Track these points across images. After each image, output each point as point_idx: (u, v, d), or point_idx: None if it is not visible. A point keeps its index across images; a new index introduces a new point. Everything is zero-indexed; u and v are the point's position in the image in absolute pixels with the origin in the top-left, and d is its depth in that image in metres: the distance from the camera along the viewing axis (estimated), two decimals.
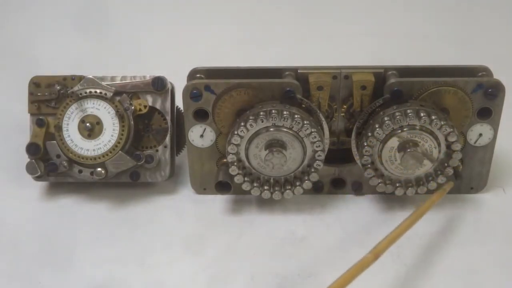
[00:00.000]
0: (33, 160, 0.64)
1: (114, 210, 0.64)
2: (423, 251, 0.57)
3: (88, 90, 0.63)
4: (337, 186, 0.65)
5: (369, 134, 0.59)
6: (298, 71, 0.61)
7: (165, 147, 0.64)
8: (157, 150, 0.64)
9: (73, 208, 0.64)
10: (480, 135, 0.61)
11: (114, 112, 0.62)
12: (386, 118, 0.58)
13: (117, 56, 0.91)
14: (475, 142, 0.62)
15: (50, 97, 0.64)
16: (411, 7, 0.99)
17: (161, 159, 0.64)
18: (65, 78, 0.64)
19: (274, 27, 0.97)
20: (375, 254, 0.48)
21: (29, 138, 0.64)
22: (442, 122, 0.57)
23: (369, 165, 0.60)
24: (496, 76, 0.61)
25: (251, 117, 0.58)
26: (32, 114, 0.65)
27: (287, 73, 0.61)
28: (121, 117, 0.62)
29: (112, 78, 0.63)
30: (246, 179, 0.60)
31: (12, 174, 0.69)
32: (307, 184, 0.60)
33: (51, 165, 0.63)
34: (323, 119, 0.60)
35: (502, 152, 0.68)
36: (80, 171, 0.64)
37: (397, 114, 0.58)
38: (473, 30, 0.96)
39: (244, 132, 0.58)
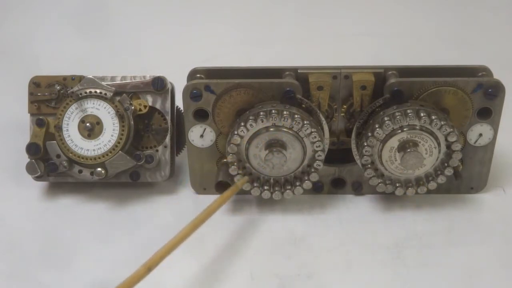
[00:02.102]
0: (33, 160, 0.64)
1: (114, 210, 0.64)
2: (423, 251, 0.57)
3: (88, 90, 0.63)
4: (337, 186, 0.65)
5: (369, 134, 0.59)
6: (298, 71, 0.61)
7: (165, 147, 0.64)
8: (157, 150, 0.64)
9: (73, 208, 0.64)
10: (480, 135, 0.61)
11: (114, 112, 0.62)
12: (386, 118, 0.58)
13: (117, 56, 0.91)
14: (475, 142, 0.62)
15: (50, 97, 0.64)
16: (411, 7, 0.99)
17: (161, 159, 0.64)
18: (65, 78, 0.64)
19: (274, 27, 0.97)
20: (148, 267, 0.48)
21: (29, 138, 0.64)
22: (442, 122, 0.57)
23: (369, 165, 0.60)
24: (496, 76, 0.61)
25: (251, 117, 0.58)
26: (32, 114, 0.65)
27: (287, 73, 0.61)
28: (121, 117, 0.62)
29: (112, 78, 0.63)
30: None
31: (12, 174, 0.69)
32: (307, 184, 0.60)
33: (51, 165, 0.63)
34: (323, 119, 0.60)
35: (502, 152, 0.68)
36: (80, 171, 0.64)
37: (397, 114, 0.58)
38: (473, 30, 0.96)
39: (244, 132, 0.58)
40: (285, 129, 0.58)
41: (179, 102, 0.63)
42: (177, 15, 0.98)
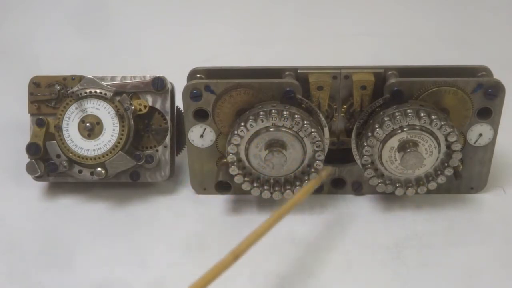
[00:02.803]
0: (33, 160, 0.64)
1: (114, 210, 0.64)
2: (423, 251, 0.57)
3: (88, 90, 0.63)
4: (337, 186, 0.65)
5: (369, 134, 0.59)
6: (298, 71, 0.61)
7: (165, 147, 0.64)
8: (157, 150, 0.64)
9: (73, 208, 0.64)
10: (480, 135, 0.61)
11: (114, 112, 0.62)
12: (386, 118, 0.58)
13: (117, 56, 0.91)
14: (475, 142, 0.62)
15: (50, 97, 0.64)
16: (411, 7, 0.99)
17: (161, 159, 0.64)
18: (65, 78, 0.64)
19: (274, 27, 0.97)
20: (235, 255, 0.47)
21: (29, 138, 0.64)
22: (442, 122, 0.57)
23: (369, 165, 0.60)
24: (496, 76, 0.61)
25: (251, 117, 0.58)
26: (32, 114, 0.65)
27: (287, 73, 0.61)
28: (121, 117, 0.62)
29: (112, 78, 0.63)
30: (246, 179, 0.60)
31: (12, 174, 0.69)
32: None
33: (51, 165, 0.63)
34: (323, 119, 0.60)
35: (502, 152, 0.68)
36: (80, 171, 0.64)
37: (397, 114, 0.58)
38: (473, 30, 0.96)
39: (244, 132, 0.58)
40: (285, 129, 0.58)
41: (179, 102, 0.63)
42: (177, 15, 0.98)
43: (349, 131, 0.63)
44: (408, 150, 0.58)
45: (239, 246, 0.47)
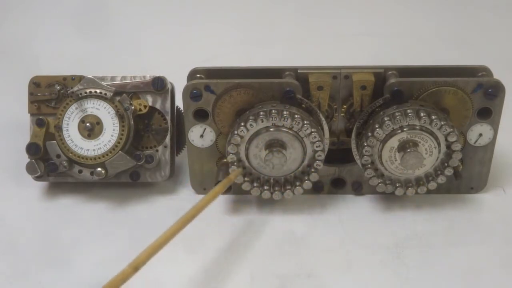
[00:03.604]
0: (33, 160, 0.64)
1: (114, 210, 0.64)
2: (423, 251, 0.57)
3: (88, 90, 0.63)
4: (337, 186, 0.65)
5: (369, 134, 0.59)
6: (298, 71, 0.61)
7: (165, 147, 0.64)
8: (157, 150, 0.64)
9: (73, 208, 0.64)
10: (480, 135, 0.61)
11: (114, 112, 0.62)
12: (386, 118, 0.58)
13: (117, 56, 0.91)
14: (475, 142, 0.62)
15: (50, 97, 0.64)
16: (411, 7, 0.99)
17: (161, 159, 0.64)
18: (65, 78, 0.64)
19: (274, 27, 0.97)
20: (135, 266, 0.47)
21: (29, 138, 0.64)
22: (442, 122, 0.57)
23: (369, 165, 0.60)
24: (496, 76, 0.61)
25: (251, 117, 0.58)
26: (32, 114, 0.65)
27: (287, 73, 0.61)
28: (121, 117, 0.62)
29: (112, 78, 0.63)
30: (246, 179, 0.60)
31: (12, 174, 0.69)
32: (307, 184, 0.60)
33: (51, 165, 0.63)
34: (323, 119, 0.60)
35: (502, 152, 0.68)
36: (80, 171, 0.64)
37: (397, 114, 0.58)
38: (473, 30, 0.96)
39: (244, 132, 0.58)
40: (285, 129, 0.58)
41: (179, 102, 0.63)
42: (177, 15, 0.98)
43: (349, 131, 0.63)
44: (408, 150, 0.58)
45: (139, 257, 0.47)
